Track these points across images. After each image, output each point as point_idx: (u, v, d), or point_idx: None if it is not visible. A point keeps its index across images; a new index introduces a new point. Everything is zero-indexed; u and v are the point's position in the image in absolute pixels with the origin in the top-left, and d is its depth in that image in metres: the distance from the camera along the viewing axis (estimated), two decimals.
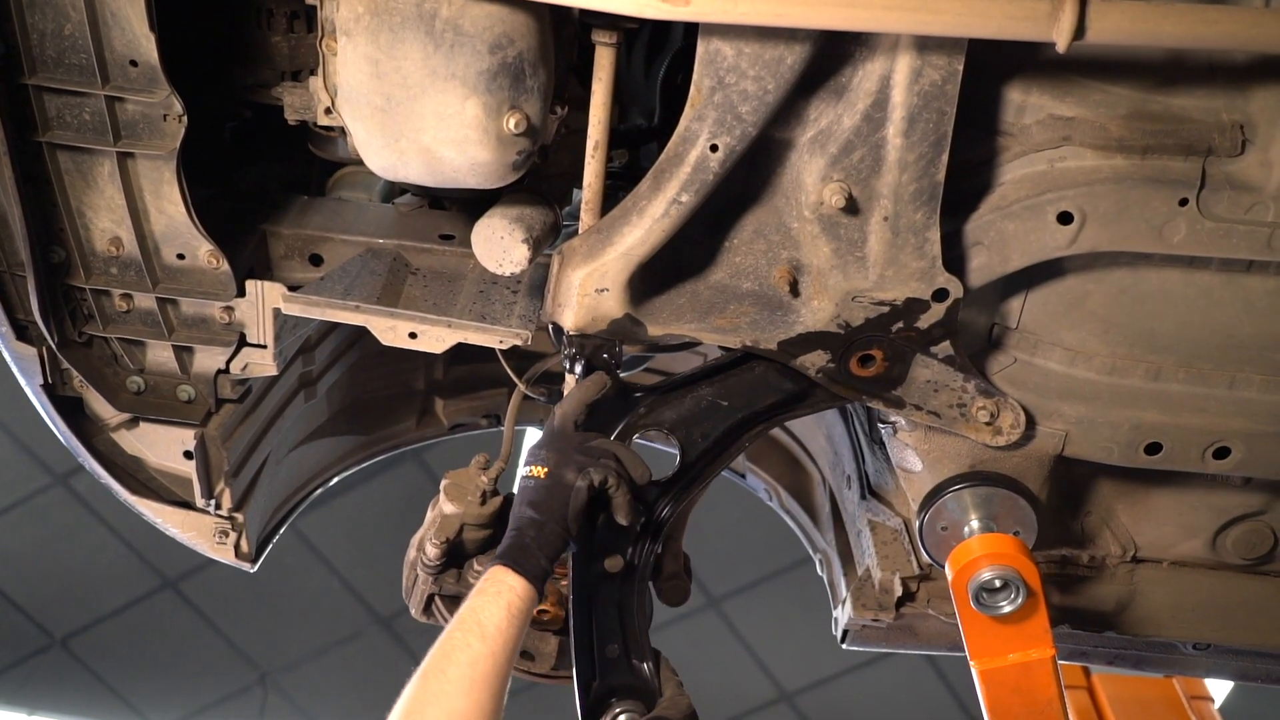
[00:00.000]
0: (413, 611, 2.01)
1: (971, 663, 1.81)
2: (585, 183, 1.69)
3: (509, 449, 2.07)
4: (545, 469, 1.64)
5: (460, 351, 2.47)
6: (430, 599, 1.98)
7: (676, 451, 1.77)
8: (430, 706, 1.48)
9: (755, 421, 1.78)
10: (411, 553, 1.99)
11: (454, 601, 1.95)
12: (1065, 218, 1.63)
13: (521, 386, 2.07)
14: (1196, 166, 1.60)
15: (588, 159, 1.66)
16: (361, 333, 2.21)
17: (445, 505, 1.93)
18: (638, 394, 1.78)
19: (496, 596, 1.56)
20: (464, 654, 1.52)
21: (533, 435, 2.26)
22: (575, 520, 1.62)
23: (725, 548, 7.37)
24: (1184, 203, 1.60)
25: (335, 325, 2.22)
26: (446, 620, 1.93)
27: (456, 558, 1.95)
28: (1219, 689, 6.68)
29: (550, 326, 1.80)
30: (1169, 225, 1.62)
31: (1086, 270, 1.72)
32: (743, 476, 2.61)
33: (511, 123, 1.59)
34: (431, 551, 1.92)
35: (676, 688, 1.78)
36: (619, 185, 1.85)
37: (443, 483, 1.95)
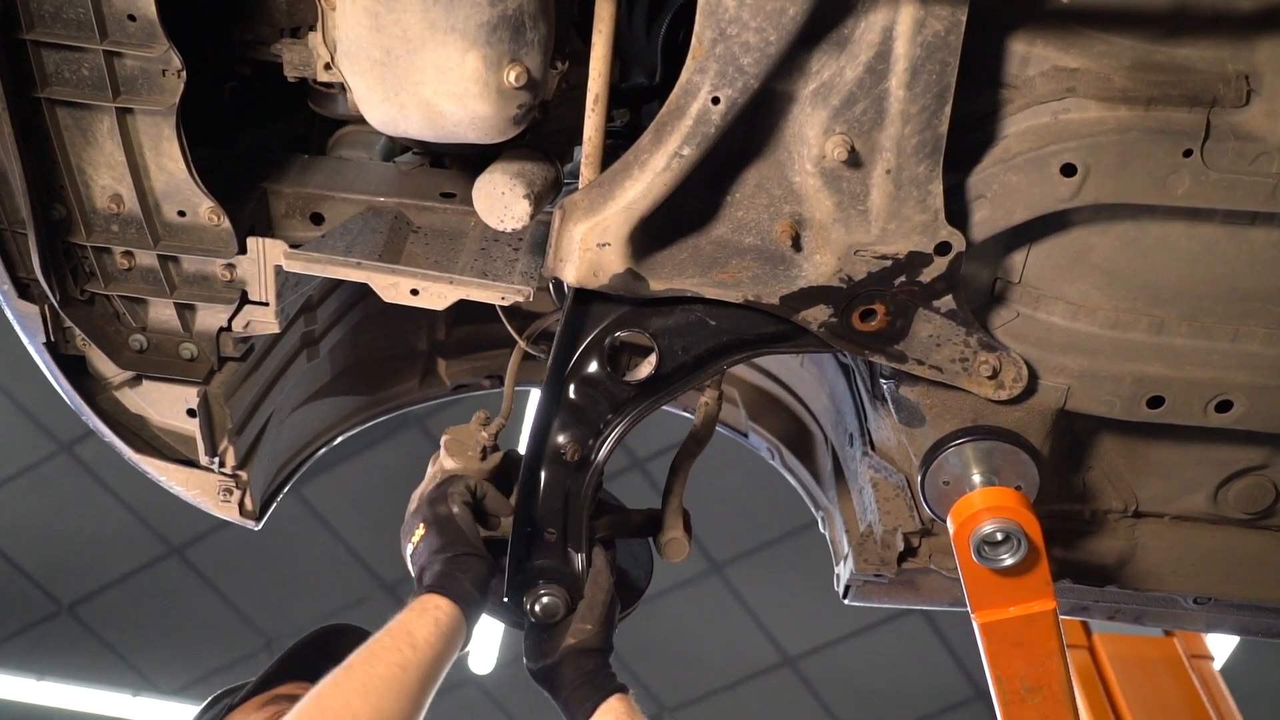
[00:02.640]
0: None
1: (973, 616, 1.82)
2: (585, 137, 1.68)
3: (509, 405, 2.07)
4: (423, 527, 1.79)
5: (462, 312, 2.48)
6: None
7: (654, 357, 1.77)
8: (358, 698, 1.51)
9: (740, 348, 1.78)
10: (413, 507, 1.99)
11: None
12: (1069, 170, 1.62)
13: (522, 344, 2.08)
14: (1201, 118, 1.59)
15: (588, 113, 1.65)
16: (364, 292, 2.21)
17: (446, 460, 1.94)
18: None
19: (423, 614, 1.66)
20: (394, 656, 1.58)
21: (535, 396, 2.26)
22: (477, 537, 1.78)
23: (728, 513, 7.40)
24: (1188, 154, 1.60)
25: (337, 285, 2.22)
26: None
27: None
28: (1221, 650, 6.73)
29: (551, 282, 1.80)
30: (1173, 177, 1.61)
31: (1090, 223, 1.71)
32: (745, 435, 2.62)
33: (512, 76, 1.59)
34: None
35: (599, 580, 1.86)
36: (620, 144, 1.84)
37: (443, 438, 1.95)
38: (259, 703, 2.08)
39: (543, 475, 1.82)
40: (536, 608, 1.85)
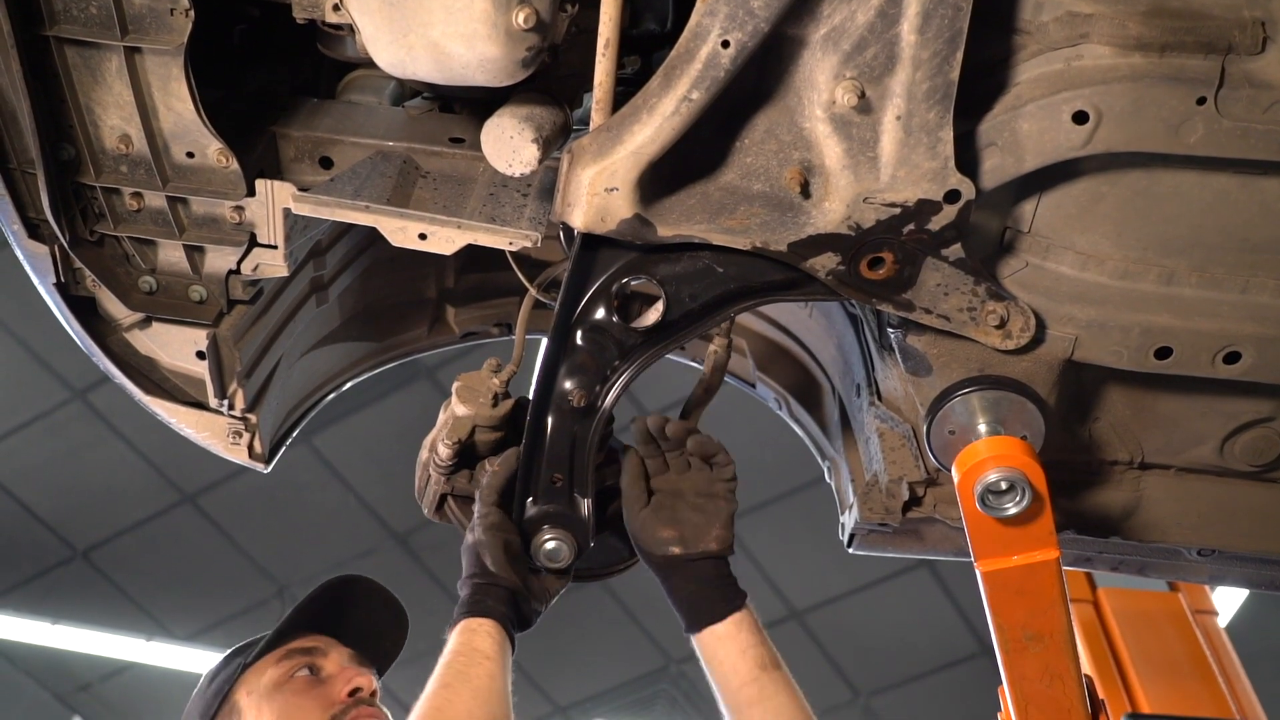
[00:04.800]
0: (425, 511, 2.04)
1: (976, 565, 1.82)
2: (596, 81, 1.66)
3: (520, 353, 2.08)
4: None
5: (471, 259, 2.48)
6: (443, 498, 2.00)
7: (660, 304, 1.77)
8: (476, 707, 1.66)
9: (747, 295, 1.78)
10: (424, 454, 2.01)
11: (466, 501, 1.98)
12: (1081, 117, 1.60)
13: (532, 291, 2.08)
14: (1216, 65, 1.57)
15: (598, 57, 1.64)
16: (373, 238, 2.21)
17: (457, 407, 1.95)
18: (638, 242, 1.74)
19: (474, 633, 1.74)
20: (480, 669, 1.69)
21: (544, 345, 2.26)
22: (499, 560, 1.81)
23: (736, 468, 7.41)
24: (1202, 101, 1.58)
25: (346, 229, 2.22)
26: (459, 519, 1.97)
27: (468, 458, 1.97)
28: (1226, 608, 6.75)
29: (561, 228, 1.80)
30: (1186, 125, 1.60)
31: (1101, 172, 1.70)
32: (753, 386, 2.62)
33: (521, 17, 1.58)
34: (444, 452, 1.93)
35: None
36: (631, 92, 1.83)
37: (454, 385, 1.96)
38: (275, 658, 2.12)
39: (549, 421, 1.83)
40: (541, 553, 1.87)
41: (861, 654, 9.01)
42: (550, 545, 1.85)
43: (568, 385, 1.81)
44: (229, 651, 2.22)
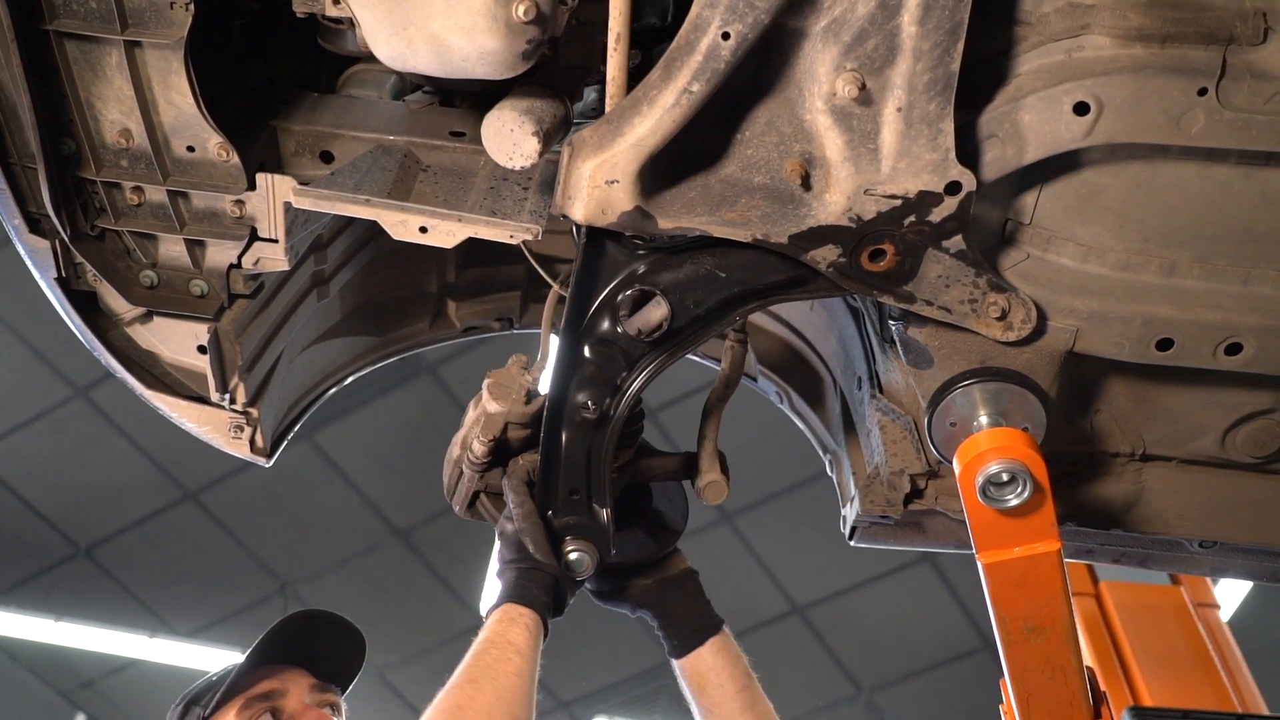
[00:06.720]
0: (456, 509, 2.03)
1: (978, 556, 1.83)
2: (609, 77, 1.66)
3: (546, 349, 2.08)
4: (499, 539, 1.90)
5: (472, 254, 2.49)
6: (476, 495, 2.00)
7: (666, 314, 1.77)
8: (496, 710, 1.67)
9: (751, 298, 1.78)
10: (455, 450, 2.00)
11: (498, 498, 1.98)
12: (1082, 108, 1.60)
13: (556, 287, 2.08)
14: (1217, 55, 1.57)
15: (610, 52, 1.63)
16: (374, 232, 2.21)
17: (489, 404, 1.94)
18: (640, 251, 1.76)
19: (513, 623, 1.77)
20: (509, 665, 1.71)
21: (537, 339, 2.25)
22: (540, 544, 1.82)
23: (739, 463, 7.35)
24: (1203, 92, 1.58)
25: (347, 224, 2.22)
26: (493, 516, 1.97)
27: (499, 456, 1.97)
28: (1228, 602, 6.75)
29: (573, 227, 1.80)
30: (1187, 116, 1.60)
31: (1102, 164, 1.70)
32: (754, 380, 2.62)
33: (521, 10, 1.58)
34: (479, 449, 1.92)
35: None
36: (631, 86, 1.83)
37: (485, 382, 1.96)
38: (234, 708, 2.08)
39: (564, 435, 1.84)
40: (563, 565, 1.86)
41: (864, 648, 9.01)
42: (573, 557, 1.85)
43: (579, 398, 1.82)
44: (184, 700, 2.17)
